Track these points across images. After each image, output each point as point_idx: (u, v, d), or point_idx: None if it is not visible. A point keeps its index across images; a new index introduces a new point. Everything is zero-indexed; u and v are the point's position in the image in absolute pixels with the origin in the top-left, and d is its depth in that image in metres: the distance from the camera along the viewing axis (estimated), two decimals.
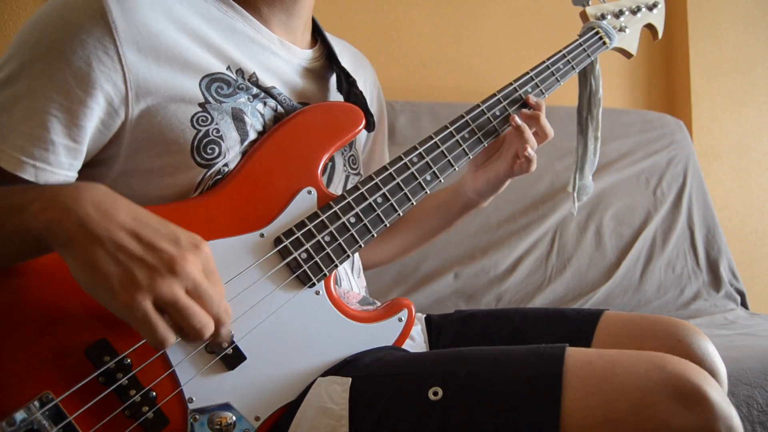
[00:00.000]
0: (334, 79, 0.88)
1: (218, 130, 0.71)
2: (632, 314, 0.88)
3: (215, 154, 0.71)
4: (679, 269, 1.84)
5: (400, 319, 0.77)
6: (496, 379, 0.62)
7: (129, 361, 0.62)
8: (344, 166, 0.88)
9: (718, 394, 0.58)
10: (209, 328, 0.56)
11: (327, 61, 0.89)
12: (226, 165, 0.73)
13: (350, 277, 0.88)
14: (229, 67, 0.75)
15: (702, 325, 1.64)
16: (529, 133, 0.88)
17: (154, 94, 0.68)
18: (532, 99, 0.90)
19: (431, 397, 0.62)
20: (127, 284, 0.53)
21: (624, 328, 0.84)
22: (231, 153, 0.73)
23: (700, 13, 2.17)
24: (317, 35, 0.90)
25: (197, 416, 0.64)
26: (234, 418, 0.65)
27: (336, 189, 0.86)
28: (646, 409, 0.57)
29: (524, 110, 0.89)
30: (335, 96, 0.88)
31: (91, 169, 0.71)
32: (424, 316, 1.00)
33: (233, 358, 0.66)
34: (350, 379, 0.67)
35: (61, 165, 0.66)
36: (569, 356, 0.62)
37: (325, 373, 0.70)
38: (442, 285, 1.59)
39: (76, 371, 0.60)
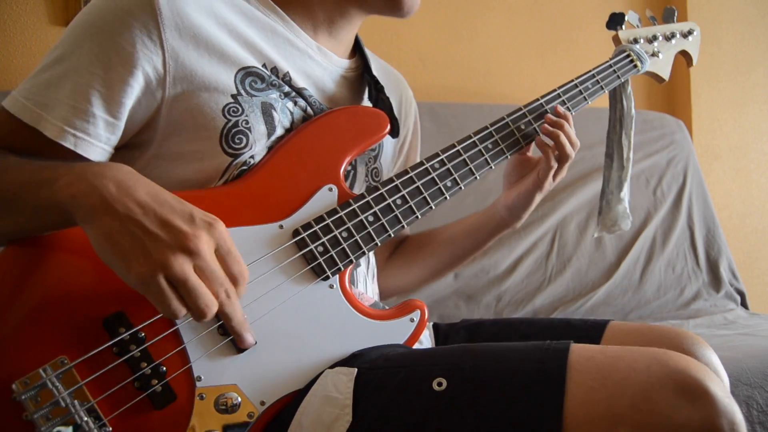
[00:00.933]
0: (363, 88, 0.90)
1: (247, 122, 0.75)
2: (637, 324, 0.89)
3: (242, 145, 0.74)
4: (679, 269, 1.84)
5: (412, 320, 0.77)
6: (501, 372, 0.63)
7: (143, 335, 0.64)
8: (366, 176, 0.89)
9: (721, 389, 0.58)
10: (212, 309, 0.59)
11: (363, 74, 0.91)
12: (252, 157, 0.75)
13: (367, 281, 0.89)
14: (264, 65, 0.78)
15: (702, 325, 1.64)
16: (559, 135, 0.88)
17: (190, 80, 0.72)
18: (561, 109, 0.91)
19: (435, 387, 0.63)
20: (141, 258, 0.56)
21: (629, 337, 0.85)
22: (258, 146, 0.75)
23: (700, 13, 2.17)
24: (357, 50, 0.93)
25: (204, 395, 0.66)
26: (239, 399, 0.67)
27: None
28: (647, 404, 0.57)
29: (550, 116, 0.89)
30: (366, 104, 0.89)
31: (127, 152, 0.75)
32: (432, 323, 1.00)
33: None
34: (356, 369, 0.68)
35: (99, 137, 0.70)
36: (573, 352, 0.62)
37: (333, 366, 0.71)
38: (442, 285, 1.59)
39: (91, 340, 0.63)
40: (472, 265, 1.64)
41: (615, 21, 1.03)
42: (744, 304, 1.87)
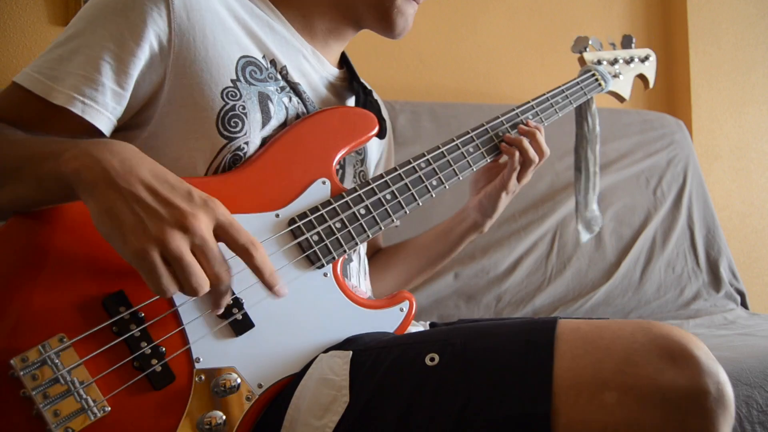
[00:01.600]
0: (351, 101, 0.94)
1: (244, 107, 0.77)
2: None
3: (238, 129, 0.77)
4: (679, 269, 1.84)
5: (401, 309, 0.80)
6: (491, 346, 0.64)
7: (143, 314, 0.65)
8: (354, 178, 0.92)
9: (704, 353, 0.59)
10: (204, 288, 0.60)
11: (349, 85, 0.95)
12: (246, 143, 0.78)
13: (360, 277, 0.91)
14: (264, 56, 0.82)
15: (702, 325, 1.64)
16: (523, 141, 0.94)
17: (192, 59, 0.75)
18: (532, 123, 0.97)
19: (428, 362, 0.64)
20: (138, 233, 0.57)
21: None
22: (252, 133, 0.78)
23: (700, 13, 2.17)
24: (344, 63, 0.98)
25: (202, 376, 0.67)
26: (237, 381, 0.67)
27: None
28: (633, 368, 0.58)
29: (522, 126, 0.96)
30: None
31: (127, 132, 0.77)
32: (429, 322, 1.03)
33: (241, 325, 0.70)
34: (351, 352, 0.69)
35: (105, 106, 0.73)
36: (560, 324, 0.64)
37: (327, 350, 0.72)
38: (442, 285, 1.59)
39: (91, 318, 0.63)
40: (472, 264, 1.64)
41: (579, 44, 1.15)
42: (744, 304, 1.87)
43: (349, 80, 0.96)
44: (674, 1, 2.16)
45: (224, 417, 0.66)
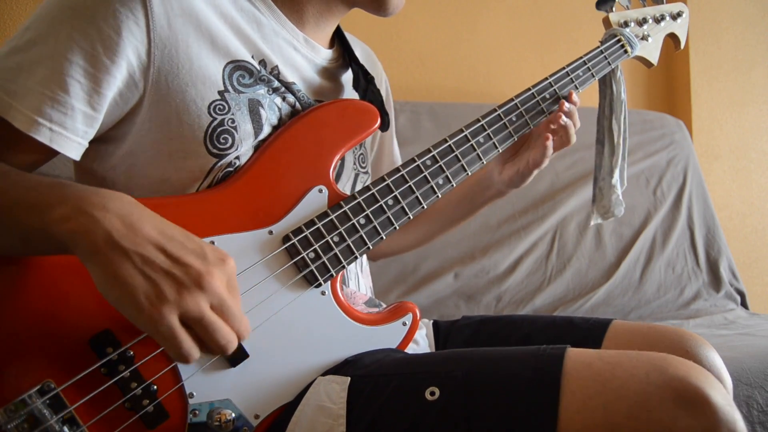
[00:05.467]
0: (346, 77, 0.89)
1: (233, 121, 0.71)
2: (640, 324, 0.88)
3: (228, 145, 0.70)
4: (679, 269, 1.84)
5: (404, 323, 0.77)
6: (494, 380, 0.61)
7: (131, 353, 0.61)
8: (354, 164, 0.88)
9: (722, 397, 0.56)
10: (233, 344, 0.57)
11: (343, 61, 0.89)
12: (237, 158, 0.72)
13: (358, 277, 0.88)
14: (253, 56, 0.75)
15: (702, 325, 1.64)
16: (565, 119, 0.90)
17: (175, 73, 0.67)
18: (574, 96, 0.92)
19: (428, 397, 0.61)
20: (153, 298, 0.53)
21: (632, 337, 0.84)
22: (243, 146, 0.72)
23: (700, 13, 2.17)
24: (336, 35, 0.91)
25: (197, 411, 0.64)
26: (234, 414, 0.65)
27: (344, 187, 0.86)
28: (646, 413, 0.55)
29: (566, 104, 0.91)
30: (350, 95, 0.88)
31: (99, 146, 0.70)
32: (431, 321, 1.00)
33: (236, 356, 0.66)
34: (349, 378, 0.67)
35: (76, 131, 0.64)
36: (569, 357, 0.61)
37: (325, 373, 0.70)
38: (442, 285, 1.59)
39: (78, 361, 0.59)
40: (472, 264, 1.64)
41: (605, 2, 1.01)
42: (744, 304, 1.87)
43: (342, 56, 0.89)
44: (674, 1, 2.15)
45: None
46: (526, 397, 0.59)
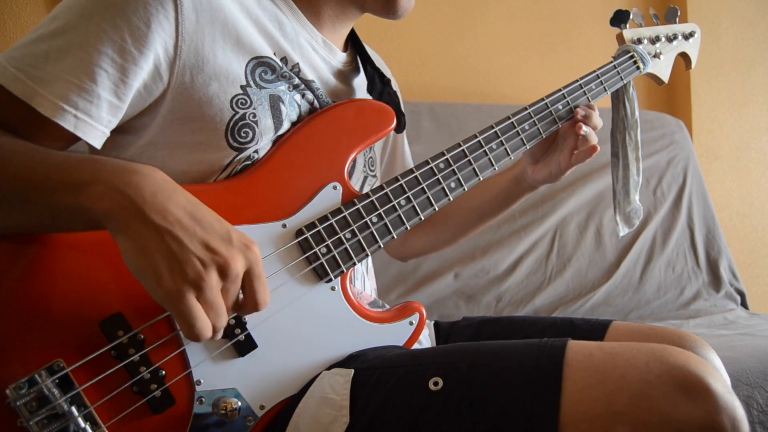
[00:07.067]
0: (358, 81, 0.90)
1: (255, 115, 0.72)
2: (640, 325, 0.88)
3: (248, 139, 0.72)
4: (679, 269, 1.84)
5: (411, 323, 0.78)
6: (497, 371, 0.62)
7: (142, 337, 0.62)
8: (364, 166, 0.89)
9: (721, 385, 0.57)
10: (220, 333, 0.58)
11: (356, 65, 0.91)
12: (256, 152, 0.73)
13: (364, 277, 0.89)
14: (275, 53, 0.76)
15: (702, 325, 1.64)
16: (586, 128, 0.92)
17: (201, 67, 0.69)
18: (584, 109, 0.94)
19: (431, 387, 0.62)
20: (176, 274, 0.54)
21: (632, 338, 0.85)
22: (263, 140, 0.73)
23: (700, 13, 2.17)
24: (350, 39, 0.92)
25: (203, 399, 0.65)
26: (239, 404, 0.66)
27: (354, 187, 0.86)
28: (646, 401, 0.56)
29: (583, 105, 0.93)
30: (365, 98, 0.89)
31: (118, 135, 0.71)
32: (432, 322, 1.01)
33: (244, 345, 0.67)
34: (353, 371, 0.67)
35: (101, 120, 0.66)
36: (570, 348, 0.62)
37: (330, 367, 0.71)
38: (442, 285, 1.59)
39: (88, 342, 0.60)
40: (472, 264, 1.64)
41: (619, 19, 1.03)
42: (744, 304, 1.87)
43: (356, 59, 0.91)
44: (674, 1, 2.15)
45: None
46: (528, 387, 0.60)
